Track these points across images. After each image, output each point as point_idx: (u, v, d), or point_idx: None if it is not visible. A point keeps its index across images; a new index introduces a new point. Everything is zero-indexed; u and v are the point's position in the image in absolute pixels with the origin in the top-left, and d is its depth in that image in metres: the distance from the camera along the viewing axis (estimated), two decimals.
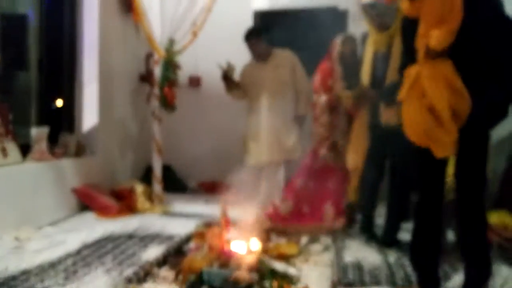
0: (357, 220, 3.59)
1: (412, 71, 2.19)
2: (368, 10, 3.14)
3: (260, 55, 4.03)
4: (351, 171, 3.57)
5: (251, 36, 4.02)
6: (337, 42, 3.63)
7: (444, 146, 2.12)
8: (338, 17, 4.70)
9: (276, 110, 3.93)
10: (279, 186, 4.02)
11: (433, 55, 2.09)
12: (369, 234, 3.31)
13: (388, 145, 3.15)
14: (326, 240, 3.32)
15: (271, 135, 3.96)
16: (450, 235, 3.09)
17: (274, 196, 3.92)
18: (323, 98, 3.69)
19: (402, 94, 2.26)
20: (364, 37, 3.44)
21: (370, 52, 3.22)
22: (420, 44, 2.13)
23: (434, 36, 2.06)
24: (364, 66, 3.28)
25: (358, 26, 3.95)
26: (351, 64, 3.55)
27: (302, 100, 4.03)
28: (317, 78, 3.78)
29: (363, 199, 3.47)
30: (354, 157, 3.47)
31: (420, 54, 2.15)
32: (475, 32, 2.06)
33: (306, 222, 3.68)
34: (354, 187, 3.60)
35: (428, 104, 2.09)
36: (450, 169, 2.30)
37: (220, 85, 4.11)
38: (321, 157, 3.73)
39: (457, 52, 2.07)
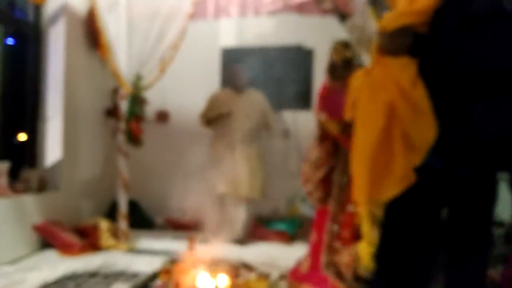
0: None
1: (355, 82, 1.73)
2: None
3: (240, 85, 4.12)
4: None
5: (234, 65, 4.12)
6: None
7: (393, 181, 1.55)
8: (303, 56, 4.83)
9: (246, 143, 3.99)
10: (240, 221, 4.01)
11: (385, 44, 1.58)
12: None
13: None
14: None
15: (238, 167, 3.99)
16: None
17: (234, 230, 3.89)
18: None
19: (346, 114, 1.82)
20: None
21: None
22: None
23: (386, 16, 1.66)
24: None
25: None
26: (345, 78, 2.53)
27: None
28: (316, 103, 3.08)
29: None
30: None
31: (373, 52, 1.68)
32: (460, 25, 1.55)
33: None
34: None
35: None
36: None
37: (188, 120, 4.14)
38: (307, 194, 3.02)
39: (429, 53, 1.56)
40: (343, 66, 2.79)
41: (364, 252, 2.45)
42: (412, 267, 1.69)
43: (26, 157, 4.13)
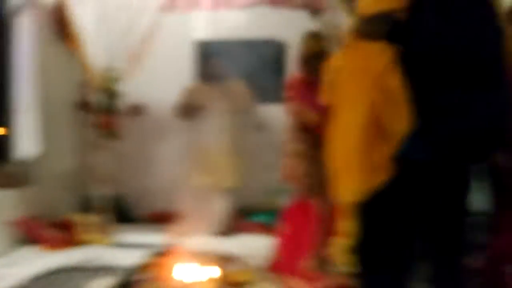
0: None
1: (333, 62, 1.66)
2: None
3: (216, 77, 4.16)
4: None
5: (210, 58, 4.14)
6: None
7: (356, 180, 1.53)
8: (275, 49, 4.89)
9: (222, 135, 4.04)
10: (219, 212, 4.06)
11: (362, 29, 1.52)
12: None
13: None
14: None
15: (214, 159, 4.05)
16: None
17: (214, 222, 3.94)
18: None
19: (322, 98, 1.76)
20: None
21: None
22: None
23: (364, 1, 1.57)
24: None
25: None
26: (317, 70, 2.51)
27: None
28: (287, 94, 3.07)
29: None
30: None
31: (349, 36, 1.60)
32: (438, 10, 1.47)
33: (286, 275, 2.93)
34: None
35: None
36: None
37: (165, 113, 4.14)
38: (294, 189, 3.00)
39: (407, 40, 1.48)
40: (314, 57, 2.79)
41: (341, 245, 2.47)
42: (394, 261, 1.69)
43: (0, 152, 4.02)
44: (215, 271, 2.96)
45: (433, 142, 1.51)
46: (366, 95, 1.48)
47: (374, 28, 1.51)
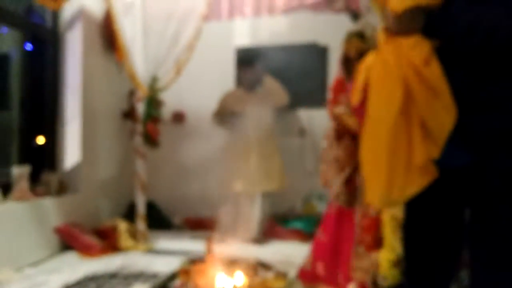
0: None
1: (366, 61, 1.59)
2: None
3: (251, 84, 4.15)
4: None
5: (246, 64, 4.14)
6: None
7: (404, 182, 1.38)
8: (318, 53, 4.80)
9: (260, 140, 4.00)
10: (256, 219, 4.01)
11: (396, 26, 1.42)
12: None
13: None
14: None
15: (252, 165, 4.01)
16: None
17: (250, 229, 3.89)
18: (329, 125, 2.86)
19: (354, 98, 1.70)
20: None
21: None
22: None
23: None
24: None
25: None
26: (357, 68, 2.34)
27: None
28: (328, 97, 2.93)
29: None
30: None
31: (381, 34, 1.51)
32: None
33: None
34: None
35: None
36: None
37: (204, 120, 4.16)
38: (333, 199, 2.83)
39: (442, 30, 1.39)
40: (357, 58, 2.51)
41: (383, 259, 2.34)
42: (437, 272, 1.56)
43: (45, 160, 4.19)
44: (251, 278, 2.90)
45: (472, 143, 1.38)
46: (402, 91, 1.37)
47: (409, 23, 1.42)
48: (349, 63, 2.70)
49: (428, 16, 1.41)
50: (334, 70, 4.20)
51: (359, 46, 2.65)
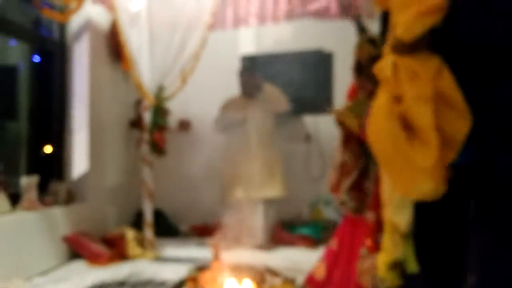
0: None
1: (386, 62, 1.53)
2: None
3: (251, 91, 4.17)
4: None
5: (245, 72, 4.16)
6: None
7: (419, 176, 1.38)
8: (323, 60, 4.82)
9: (261, 147, 4.01)
10: (260, 226, 4.01)
11: (402, 49, 1.43)
12: None
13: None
14: None
15: (253, 172, 4.02)
16: None
17: (255, 236, 3.89)
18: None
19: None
20: None
21: None
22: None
23: (401, 22, 1.42)
24: None
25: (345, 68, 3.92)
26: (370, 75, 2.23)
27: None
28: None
29: None
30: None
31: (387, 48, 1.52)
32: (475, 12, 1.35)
33: None
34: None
35: (403, 113, 1.41)
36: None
37: (210, 128, 4.18)
38: (340, 204, 2.77)
39: (446, 45, 1.39)
40: (369, 63, 2.44)
41: (380, 262, 2.32)
42: (448, 265, 1.60)
43: (54, 170, 4.23)
44: (259, 285, 2.90)
45: (475, 141, 1.37)
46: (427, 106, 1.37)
47: (416, 45, 1.41)
48: (362, 69, 2.65)
49: (433, 31, 1.39)
50: (339, 76, 4.24)
51: (371, 52, 2.59)
